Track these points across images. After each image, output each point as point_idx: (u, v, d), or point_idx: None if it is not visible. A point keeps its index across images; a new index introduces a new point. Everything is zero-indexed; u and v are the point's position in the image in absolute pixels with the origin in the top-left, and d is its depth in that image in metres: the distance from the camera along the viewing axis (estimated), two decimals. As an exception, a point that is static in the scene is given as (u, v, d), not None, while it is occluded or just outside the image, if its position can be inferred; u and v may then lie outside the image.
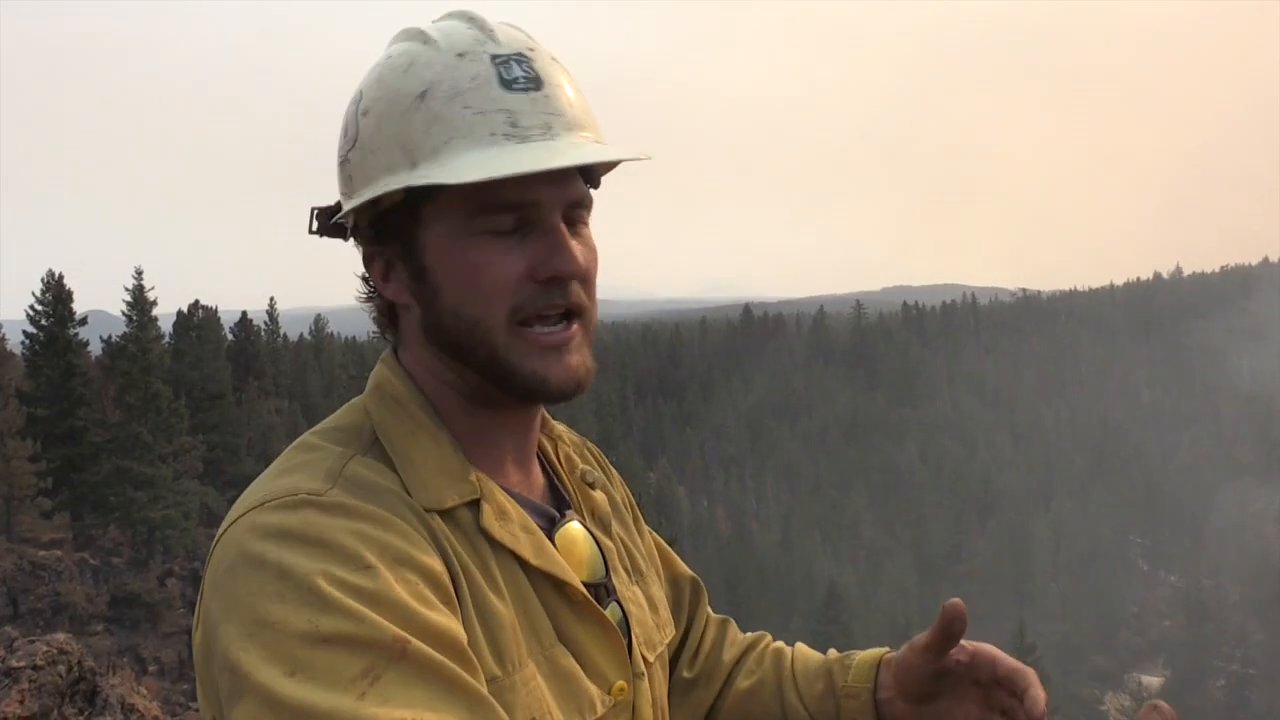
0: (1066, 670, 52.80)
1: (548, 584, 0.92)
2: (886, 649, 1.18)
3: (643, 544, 1.16)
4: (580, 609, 0.94)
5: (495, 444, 0.98)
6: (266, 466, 0.89)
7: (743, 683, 1.21)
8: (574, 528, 1.00)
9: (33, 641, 3.69)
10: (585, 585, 0.95)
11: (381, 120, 0.90)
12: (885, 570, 61.34)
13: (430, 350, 0.95)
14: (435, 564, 0.82)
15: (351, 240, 0.97)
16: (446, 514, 0.88)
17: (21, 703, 3.34)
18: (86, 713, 3.69)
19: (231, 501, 0.88)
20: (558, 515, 1.00)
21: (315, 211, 0.97)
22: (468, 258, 0.89)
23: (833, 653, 1.22)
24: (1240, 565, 63.55)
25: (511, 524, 0.92)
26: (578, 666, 0.92)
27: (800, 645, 1.27)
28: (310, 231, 0.97)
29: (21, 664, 3.46)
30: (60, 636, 3.81)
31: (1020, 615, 43.20)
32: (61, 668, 3.61)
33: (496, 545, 0.90)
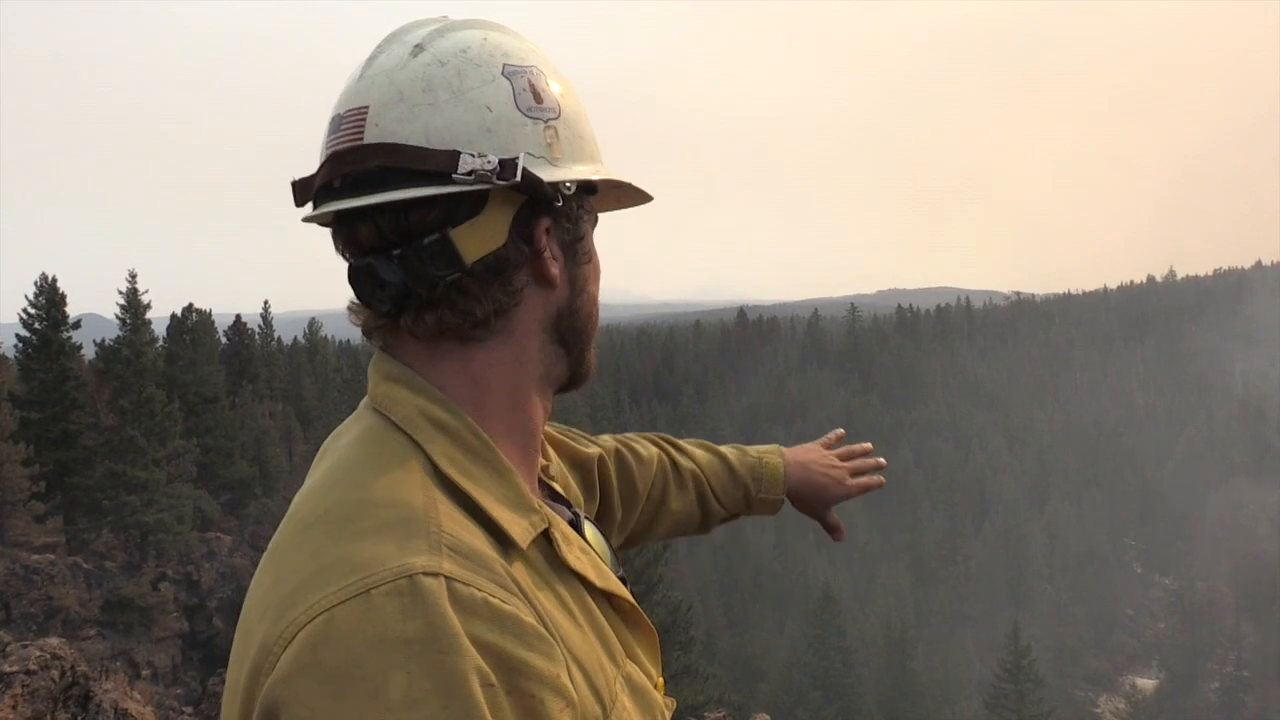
0: (1061, 672, 52.86)
1: (604, 599, 0.93)
2: (779, 453, 1.48)
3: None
4: (628, 617, 0.96)
5: (531, 441, 0.96)
6: (260, 470, 0.84)
7: (675, 505, 1.41)
8: (589, 527, 1.03)
9: (25, 646, 3.67)
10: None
11: (579, 108, 0.96)
12: (880, 573, 61.30)
13: (538, 341, 0.94)
14: (559, 671, 0.78)
15: (510, 194, 0.89)
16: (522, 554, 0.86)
17: (14, 708, 3.33)
18: (79, 718, 3.67)
19: (226, 506, 0.80)
20: (572, 514, 1.02)
21: (508, 162, 0.87)
22: (595, 250, 0.98)
23: (729, 452, 1.46)
24: (1234, 568, 63.61)
25: (573, 547, 0.92)
26: (644, 678, 0.94)
27: (702, 457, 1.45)
28: (509, 179, 0.87)
29: (14, 669, 3.44)
30: (53, 641, 3.79)
31: (1015, 617, 43.12)
32: (54, 673, 3.59)
33: (565, 572, 0.89)
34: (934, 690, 45.02)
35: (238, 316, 43.51)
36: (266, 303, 50.99)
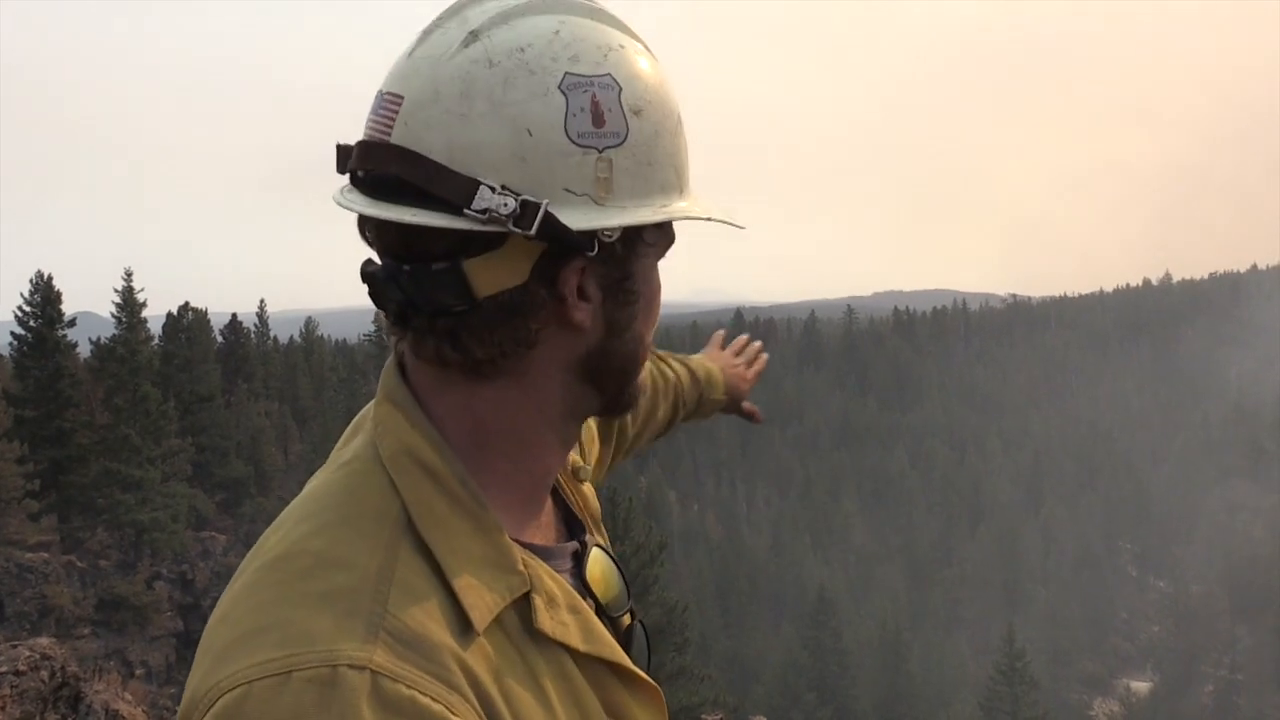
0: (1055, 675, 52.96)
1: (594, 662, 0.84)
2: (711, 360, 1.68)
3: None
4: (626, 679, 0.87)
5: (540, 482, 0.88)
6: (256, 470, 0.80)
7: (659, 415, 1.51)
8: (595, 557, 0.93)
9: (15, 646, 3.64)
10: (611, 612, 0.91)
11: (659, 130, 0.81)
12: (875, 575, 61.38)
13: (558, 381, 0.83)
14: None
15: (529, 237, 0.75)
16: (494, 622, 0.77)
17: (3, 709, 3.30)
18: (69, 718, 3.64)
19: (221, 505, 0.77)
20: (580, 546, 0.93)
21: (530, 206, 0.74)
22: (655, 283, 0.86)
23: (690, 364, 1.61)
24: (1229, 571, 63.74)
25: (559, 610, 0.82)
26: None
27: (677, 366, 1.57)
28: (524, 229, 0.74)
29: (3, 669, 3.41)
30: (43, 641, 3.76)
31: (1010, 620, 43.23)
32: (44, 673, 3.56)
33: (545, 640, 0.80)
34: (929, 692, 45.09)
35: (233, 315, 43.47)
36: (262, 302, 50.99)
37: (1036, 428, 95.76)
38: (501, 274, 0.76)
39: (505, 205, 0.73)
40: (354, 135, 0.82)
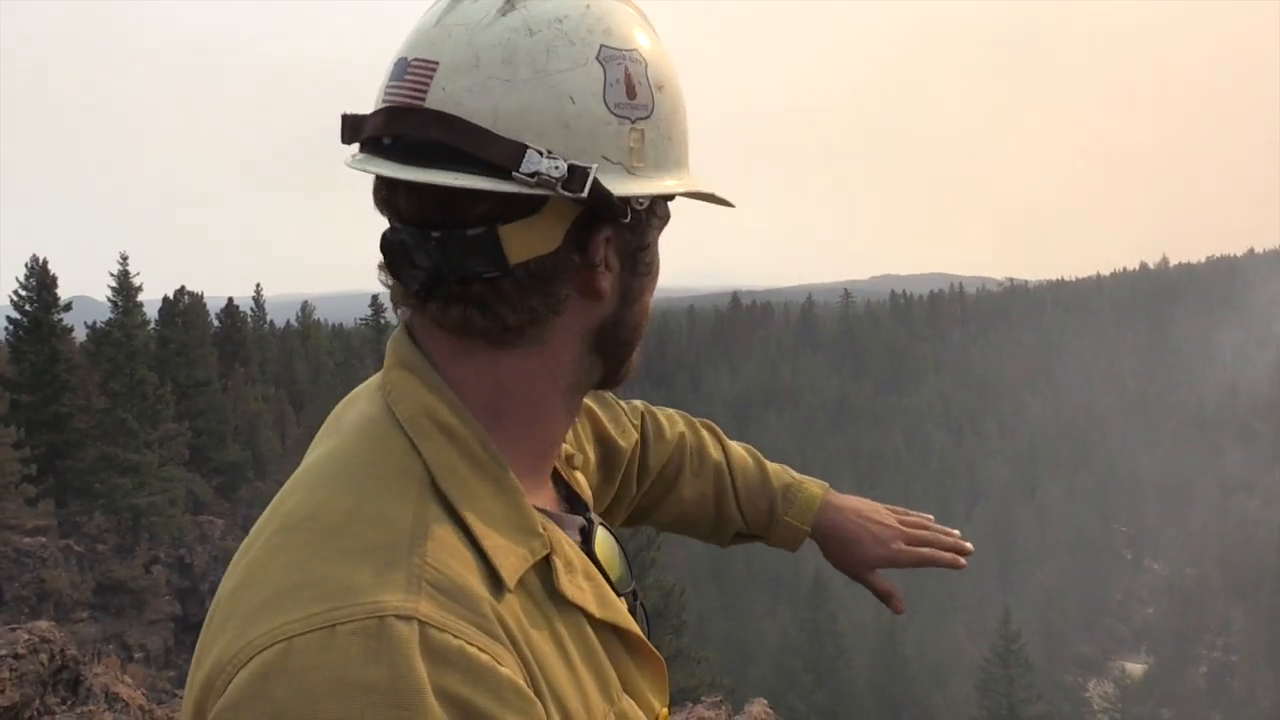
0: (1050, 657, 53.20)
1: (607, 629, 0.84)
2: (824, 488, 1.33)
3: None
4: (634, 648, 0.88)
5: (549, 451, 0.89)
6: (253, 454, 0.77)
7: (687, 492, 1.30)
8: (602, 534, 0.93)
9: (13, 629, 3.66)
10: (618, 589, 0.90)
11: (676, 106, 0.84)
12: (871, 558, 61.58)
13: (574, 351, 0.84)
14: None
15: (560, 200, 0.77)
16: (518, 583, 0.77)
17: (2, 692, 3.32)
18: (69, 702, 3.66)
19: (218, 490, 0.74)
20: (585, 523, 0.93)
21: (579, 171, 0.76)
22: (658, 255, 0.88)
23: (770, 464, 1.34)
24: (1223, 553, 64.10)
25: (576, 575, 0.83)
26: (639, 713, 0.86)
27: (737, 454, 1.34)
28: (574, 192, 0.76)
29: (2, 653, 3.43)
30: (42, 624, 3.78)
31: (1005, 602, 43.42)
32: (43, 656, 3.58)
33: (564, 603, 0.80)
34: (925, 675, 45.35)
35: (230, 299, 43.37)
36: (259, 286, 51.03)
37: (1032, 411, 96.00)
38: (535, 240, 0.77)
39: (556, 168, 0.74)
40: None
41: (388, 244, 0.79)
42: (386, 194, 0.80)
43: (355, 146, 0.81)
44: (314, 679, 0.63)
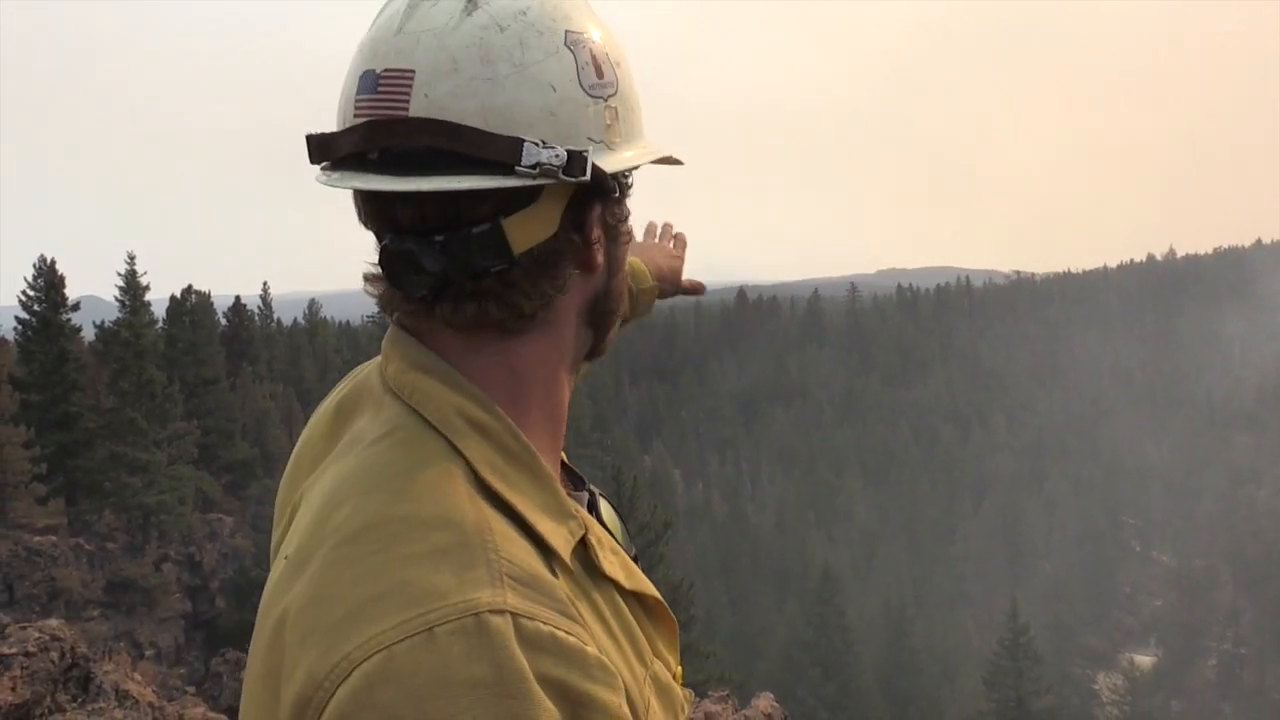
0: (1059, 650, 53.12)
1: (631, 597, 0.88)
2: (630, 258, 1.36)
3: None
4: (653, 612, 0.92)
5: (559, 428, 0.92)
6: (261, 452, 0.78)
7: None
8: (605, 506, 0.98)
9: (24, 628, 3.67)
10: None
11: (630, 78, 0.87)
12: (879, 552, 61.54)
13: (574, 327, 0.88)
14: (620, 700, 0.74)
15: (554, 180, 0.79)
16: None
17: (13, 689, 3.33)
18: (80, 699, 3.68)
19: (228, 487, 0.75)
20: (589, 494, 0.97)
21: (576, 155, 0.79)
22: (630, 228, 0.91)
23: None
24: (1232, 545, 63.90)
25: (605, 550, 0.86)
26: (668, 674, 0.90)
27: None
28: (575, 177, 0.79)
29: (13, 650, 3.45)
30: (53, 622, 3.79)
31: (1013, 595, 43.25)
32: (54, 654, 3.59)
33: (600, 578, 0.84)
34: (933, 668, 45.31)
35: (237, 298, 43.46)
36: (266, 284, 51.24)
37: (1040, 404, 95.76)
38: (537, 227, 0.80)
39: (556, 156, 0.77)
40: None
41: (392, 256, 0.79)
42: (379, 208, 0.80)
43: (319, 166, 0.82)
44: (420, 682, 0.65)
